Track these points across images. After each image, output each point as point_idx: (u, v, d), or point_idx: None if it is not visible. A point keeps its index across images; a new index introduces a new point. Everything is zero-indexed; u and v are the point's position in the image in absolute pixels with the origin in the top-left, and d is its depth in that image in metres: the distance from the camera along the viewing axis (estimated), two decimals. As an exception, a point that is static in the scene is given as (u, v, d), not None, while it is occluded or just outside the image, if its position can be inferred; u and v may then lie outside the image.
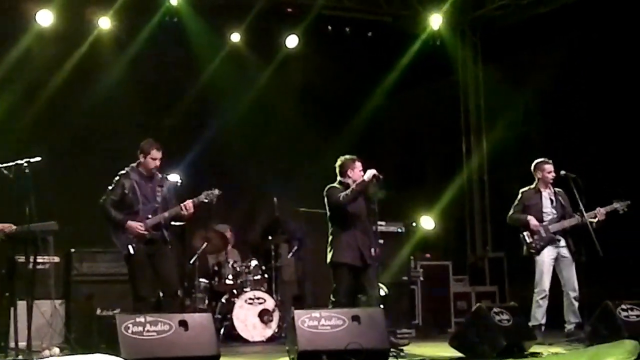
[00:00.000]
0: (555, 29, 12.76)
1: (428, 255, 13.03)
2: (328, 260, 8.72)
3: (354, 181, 8.59)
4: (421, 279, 12.46)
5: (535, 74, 12.98)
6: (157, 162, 8.57)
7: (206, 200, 8.54)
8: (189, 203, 8.50)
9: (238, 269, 11.56)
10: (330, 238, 8.79)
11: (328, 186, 8.79)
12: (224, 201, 9.02)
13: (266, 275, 11.71)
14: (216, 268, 11.72)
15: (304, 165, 13.26)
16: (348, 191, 8.52)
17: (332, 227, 8.81)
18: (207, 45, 12.88)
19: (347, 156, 8.84)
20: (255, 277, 11.54)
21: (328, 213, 8.79)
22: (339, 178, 8.83)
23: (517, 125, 13.65)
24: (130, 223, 8.47)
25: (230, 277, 11.54)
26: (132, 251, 8.44)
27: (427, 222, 13.15)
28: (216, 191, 8.51)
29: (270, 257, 11.79)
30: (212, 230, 11.81)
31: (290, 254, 12.46)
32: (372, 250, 8.59)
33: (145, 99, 12.67)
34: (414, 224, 12.38)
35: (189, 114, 12.96)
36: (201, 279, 11.60)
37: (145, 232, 8.48)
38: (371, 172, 8.45)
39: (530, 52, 13.27)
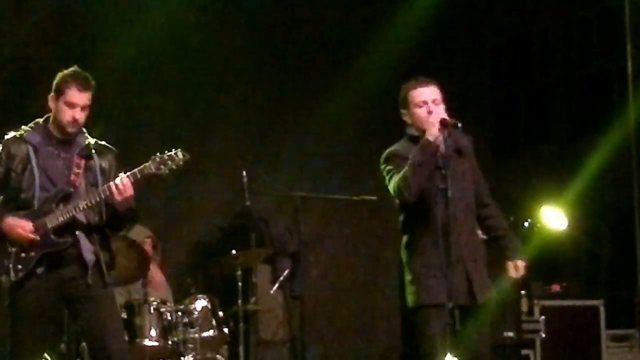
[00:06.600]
0: None
1: (556, 288, 10.08)
2: (411, 302, 6.23)
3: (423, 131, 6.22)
4: (543, 335, 9.43)
5: None
6: (78, 114, 6.36)
7: (158, 172, 6.25)
8: (123, 179, 6.22)
9: (169, 316, 8.58)
10: (405, 256, 6.21)
11: (388, 150, 6.39)
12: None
13: (226, 330, 8.79)
14: (124, 315, 8.61)
15: (305, 102, 10.17)
16: (407, 167, 6.09)
17: (405, 232, 6.34)
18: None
19: (413, 81, 6.39)
20: (205, 334, 8.59)
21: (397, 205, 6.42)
22: (407, 129, 6.42)
23: None
24: (10, 220, 6.25)
25: (153, 332, 8.45)
26: (13, 277, 6.14)
27: (552, 219, 9.95)
28: (180, 153, 6.25)
29: (235, 291, 8.93)
30: (116, 238, 8.07)
31: (276, 285, 9.70)
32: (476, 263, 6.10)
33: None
34: (527, 223, 9.56)
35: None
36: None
37: (37, 238, 6.16)
38: (435, 119, 6.05)
39: None
